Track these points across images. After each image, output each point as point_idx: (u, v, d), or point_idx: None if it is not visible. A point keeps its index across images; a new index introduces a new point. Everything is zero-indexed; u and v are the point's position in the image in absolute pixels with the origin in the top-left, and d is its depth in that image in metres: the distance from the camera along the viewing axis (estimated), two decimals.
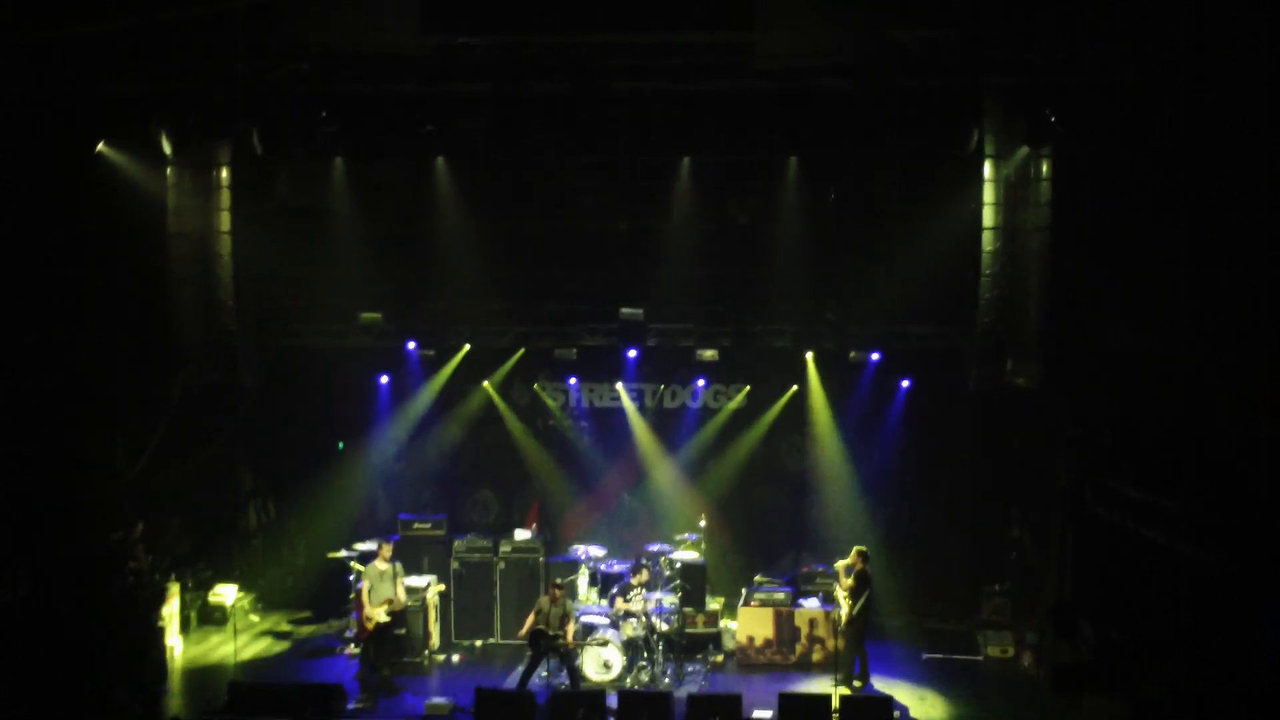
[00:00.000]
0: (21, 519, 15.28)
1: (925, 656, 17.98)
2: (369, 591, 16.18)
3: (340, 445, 21.10)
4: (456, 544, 18.55)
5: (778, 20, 14.32)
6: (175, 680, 16.64)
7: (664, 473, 20.52)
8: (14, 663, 14.53)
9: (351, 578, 18.05)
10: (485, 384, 20.53)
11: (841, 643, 16.69)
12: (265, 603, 20.13)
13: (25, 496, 15.34)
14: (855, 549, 16.60)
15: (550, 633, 15.64)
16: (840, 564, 16.64)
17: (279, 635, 19.06)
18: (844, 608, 16.46)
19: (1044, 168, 15.52)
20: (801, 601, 17.62)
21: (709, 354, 18.87)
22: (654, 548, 18.35)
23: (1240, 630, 12.66)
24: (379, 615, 16.08)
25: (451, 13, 14.83)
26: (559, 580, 16.58)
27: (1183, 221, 14.32)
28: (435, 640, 17.91)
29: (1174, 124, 14.34)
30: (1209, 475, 13.44)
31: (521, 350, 19.89)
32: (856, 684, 16.35)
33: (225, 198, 16.63)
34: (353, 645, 17.50)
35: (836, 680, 15.72)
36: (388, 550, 16.56)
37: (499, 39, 15.31)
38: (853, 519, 19.91)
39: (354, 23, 14.64)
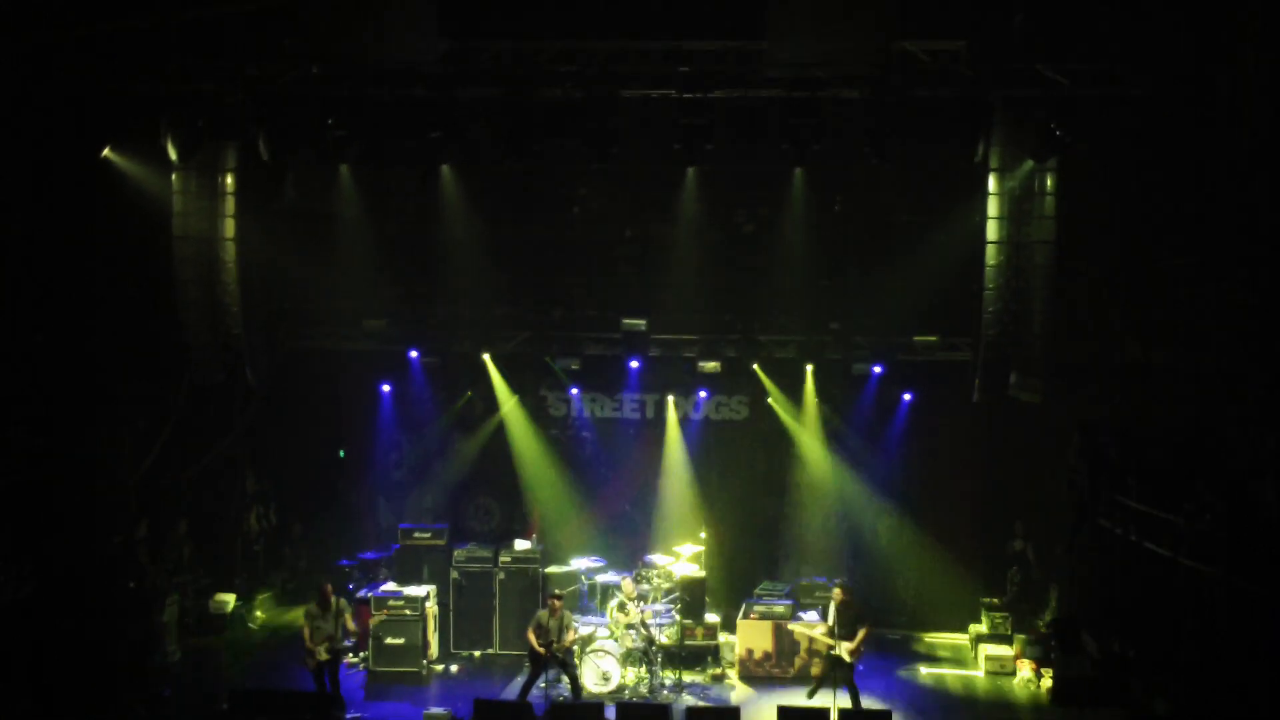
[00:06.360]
0: (28, 518, 15.26)
1: (925, 670, 17.93)
2: (310, 631, 15.47)
3: (342, 453, 21.05)
4: (456, 553, 18.44)
5: (787, 29, 14.33)
6: (176, 684, 16.53)
7: (665, 484, 20.46)
8: (19, 661, 14.49)
9: (351, 586, 18.05)
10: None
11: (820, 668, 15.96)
12: (265, 608, 20.05)
13: (32, 495, 15.32)
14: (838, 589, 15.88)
15: (552, 641, 15.58)
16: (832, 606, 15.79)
17: (278, 641, 18.96)
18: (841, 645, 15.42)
19: (1049, 181, 15.52)
20: (801, 614, 17.52)
21: (711, 365, 18.83)
22: (654, 559, 18.28)
23: (1244, 645, 12.64)
24: (320, 653, 15.41)
25: (468, 18, 14.87)
26: (558, 591, 16.50)
27: (1189, 235, 14.36)
28: (434, 650, 17.79)
29: (1181, 138, 14.39)
30: (1214, 490, 13.44)
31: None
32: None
33: (230, 204, 16.68)
34: (351, 654, 17.43)
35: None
36: (329, 589, 15.80)
37: (511, 44, 15.36)
38: (853, 531, 19.89)
39: (367, 28, 14.63)
